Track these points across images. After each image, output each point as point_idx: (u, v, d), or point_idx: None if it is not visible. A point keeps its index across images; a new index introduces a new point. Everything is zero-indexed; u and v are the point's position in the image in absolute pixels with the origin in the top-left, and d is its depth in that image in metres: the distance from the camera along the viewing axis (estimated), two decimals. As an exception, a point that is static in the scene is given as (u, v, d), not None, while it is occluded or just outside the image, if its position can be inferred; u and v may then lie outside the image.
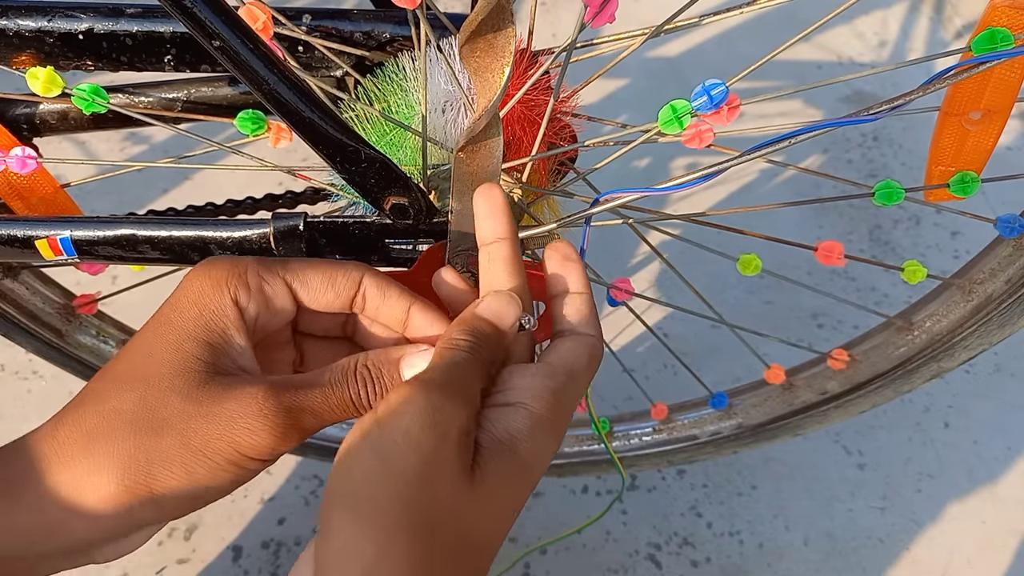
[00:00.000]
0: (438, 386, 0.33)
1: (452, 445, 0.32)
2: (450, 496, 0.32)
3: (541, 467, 0.35)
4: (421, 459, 0.31)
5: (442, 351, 0.36)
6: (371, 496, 0.31)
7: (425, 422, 0.32)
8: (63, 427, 0.34)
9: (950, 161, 0.50)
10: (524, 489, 0.35)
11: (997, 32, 0.39)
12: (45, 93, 0.50)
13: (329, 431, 0.89)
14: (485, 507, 0.33)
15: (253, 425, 0.34)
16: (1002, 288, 0.56)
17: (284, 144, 0.54)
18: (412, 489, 0.31)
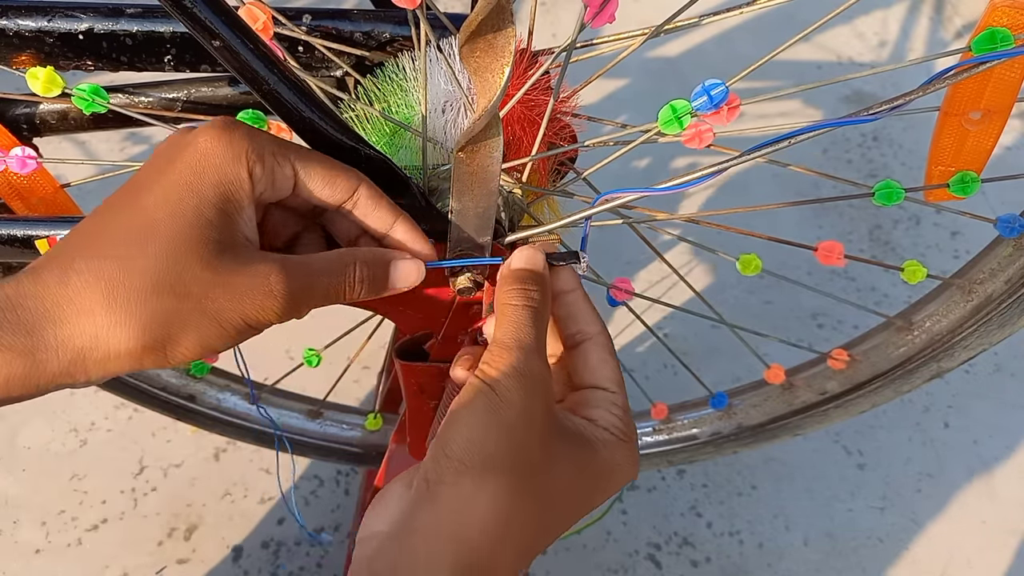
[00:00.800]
0: (523, 347, 0.38)
1: (547, 402, 0.37)
2: (551, 442, 0.37)
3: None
4: (524, 417, 0.36)
5: (505, 312, 0.39)
6: (494, 457, 0.35)
7: (524, 383, 0.36)
8: (77, 275, 0.34)
9: (950, 161, 0.50)
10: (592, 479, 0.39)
11: (997, 32, 0.39)
12: (45, 93, 0.50)
13: (329, 431, 0.89)
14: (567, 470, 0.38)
15: (263, 302, 0.37)
16: (1002, 288, 0.56)
17: (284, 144, 0.54)
18: (520, 445, 0.36)
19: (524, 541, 0.36)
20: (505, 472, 0.35)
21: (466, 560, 0.33)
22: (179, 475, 1.05)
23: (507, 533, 0.35)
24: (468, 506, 0.34)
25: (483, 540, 0.34)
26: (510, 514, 0.35)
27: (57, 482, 1.04)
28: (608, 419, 0.40)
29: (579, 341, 0.43)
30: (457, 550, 0.34)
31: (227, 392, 0.82)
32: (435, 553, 0.34)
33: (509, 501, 0.35)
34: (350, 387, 1.12)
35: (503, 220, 0.48)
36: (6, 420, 1.09)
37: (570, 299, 0.43)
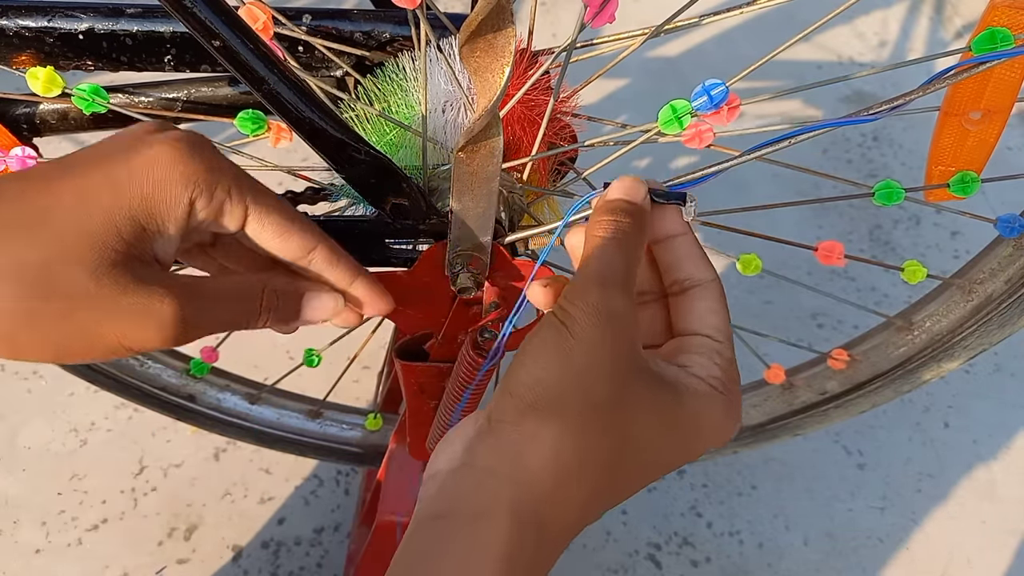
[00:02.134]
0: (603, 281, 0.34)
1: (627, 344, 0.34)
2: (626, 385, 0.34)
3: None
4: (596, 355, 0.33)
5: (592, 240, 0.36)
6: (560, 398, 0.33)
7: (599, 321, 0.33)
8: None
9: (950, 161, 0.50)
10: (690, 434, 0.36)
11: (997, 32, 0.39)
12: (45, 93, 0.50)
13: (329, 431, 0.89)
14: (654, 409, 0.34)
15: (147, 331, 0.34)
16: (1002, 288, 0.56)
17: (284, 144, 0.54)
18: (589, 385, 0.33)
19: (591, 489, 0.33)
20: (571, 415, 0.32)
21: (526, 503, 0.31)
22: (179, 475, 1.05)
23: (571, 478, 0.32)
24: (529, 448, 0.32)
25: (544, 484, 0.32)
26: (573, 459, 0.32)
27: (57, 482, 1.04)
28: (706, 367, 0.36)
29: (687, 288, 0.39)
30: (516, 492, 0.32)
31: (227, 392, 0.82)
32: (493, 494, 0.32)
33: (573, 445, 0.32)
34: (350, 387, 1.12)
35: (503, 220, 0.48)
36: (6, 420, 1.09)
37: (678, 243, 0.39)
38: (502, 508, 0.31)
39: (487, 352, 0.45)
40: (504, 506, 0.31)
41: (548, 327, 0.34)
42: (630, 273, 0.36)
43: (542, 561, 0.32)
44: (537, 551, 0.32)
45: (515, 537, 0.31)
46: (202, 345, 0.75)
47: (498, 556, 0.30)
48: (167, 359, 0.77)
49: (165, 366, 0.77)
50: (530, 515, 0.31)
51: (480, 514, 0.31)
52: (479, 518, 0.31)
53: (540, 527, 0.32)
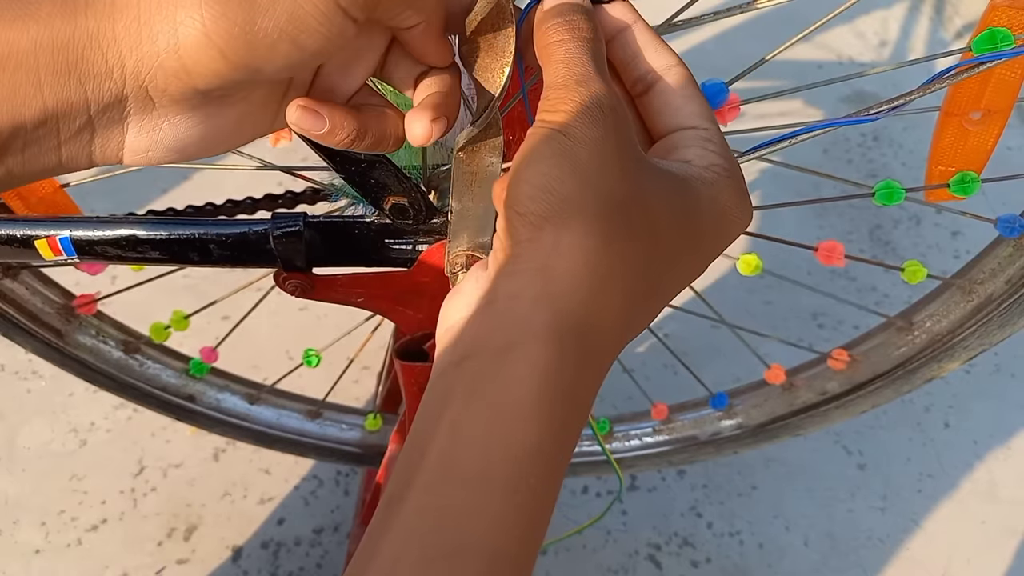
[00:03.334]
0: (581, 80, 0.31)
1: (625, 133, 0.31)
2: (637, 178, 0.30)
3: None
4: (599, 152, 0.30)
5: (549, 49, 0.33)
6: (572, 199, 0.29)
7: (593, 117, 0.30)
8: None
9: (950, 161, 0.50)
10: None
11: (997, 32, 0.39)
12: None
13: (328, 431, 0.89)
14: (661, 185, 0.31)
15: (318, 17, 0.28)
16: (1002, 288, 0.56)
17: (284, 144, 0.54)
18: (599, 183, 0.29)
19: (628, 292, 0.30)
20: (591, 216, 0.29)
21: (563, 320, 0.28)
22: (179, 475, 1.05)
23: (605, 283, 0.29)
24: (553, 259, 0.29)
25: (579, 296, 0.28)
26: (603, 261, 0.29)
27: (57, 482, 1.04)
28: (704, 156, 0.33)
29: (652, 82, 0.35)
30: (550, 311, 0.28)
31: (226, 392, 0.82)
32: (523, 320, 0.28)
33: (601, 247, 0.29)
34: (350, 387, 1.12)
35: (503, 220, 0.48)
36: (6, 420, 1.09)
37: (629, 35, 0.35)
38: (536, 332, 0.28)
39: None
40: (538, 329, 0.28)
41: (539, 137, 0.30)
42: (602, 68, 0.32)
43: (589, 379, 0.29)
44: (581, 368, 0.28)
45: (554, 358, 0.28)
46: (201, 345, 0.76)
47: (539, 382, 0.27)
48: (167, 359, 0.77)
49: (165, 366, 0.77)
50: (570, 329, 0.28)
51: (510, 345, 0.28)
52: (510, 349, 0.28)
53: (582, 340, 0.28)
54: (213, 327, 1.04)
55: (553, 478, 0.28)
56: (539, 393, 0.27)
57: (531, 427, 0.27)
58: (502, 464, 0.27)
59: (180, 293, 1.16)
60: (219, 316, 0.72)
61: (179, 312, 0.70)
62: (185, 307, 0.72)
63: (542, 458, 0.27)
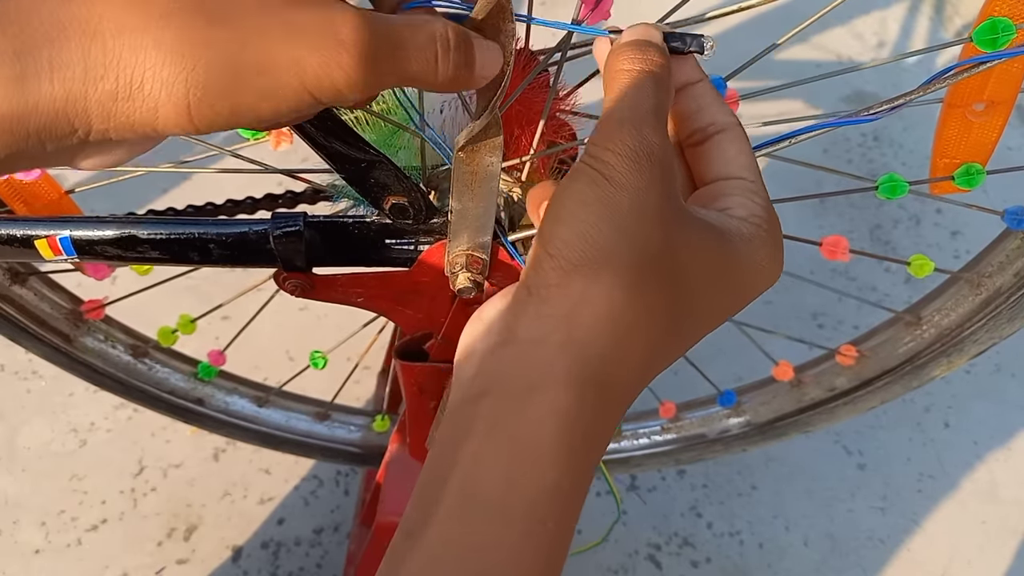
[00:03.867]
0: (637, 121, 0.31)
1: (669, 184, 0.31)
2: (674, 231, 0.30)
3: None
4: (640, 201, 0.30)
5: (618, 77, 0.33)
6: (607, 250, 0.29)
7: (639, 164, 0.30)
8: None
9: (954, 153, 0.50)
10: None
11: (998, 22, 0.39)
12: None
13: (337, 433, 0.89)
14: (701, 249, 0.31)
15: (329, 54, 0.28)
16: (1011, 281, 0.56)
17: (284, 146, 0.54)
18: (636, 233, 0.30)
19: (651, 344, 0.30)
20: (624, 268, 0.29)
21: (585, 368, 0.29)
22: (179, 475, 1.05)
23: (630, 335, 0.29)
24: (580, 308, 0.29)
25: (602, 345, 0.29)
26: (630, 314, 0.29)
27: (57, 482, 1.04)
28: (746, 206, 0.33)
29: (711, 134, 0.36)
30: (573, 358, 0.29)
31: (235, 395, 0.82)
32: (546, 365, 0.29)
33: (628, 299, 0.29)
34: (350, 387, 1.11)
35: (503, 220, 0.48)
36: (6, 420, 1.09)
37: (698, 89, 0.36)
38: (557, 377, 0.28)
39: None
40: (560, 375, 0.28)
41: (582, 178, 0.30)
42: (662, 110, 0.32)
43: (606, 424, 0.30)
44: (599, 414, 0.29)
45: (574, 405, 0.28)
46: (209, 348, 0.75)
47: (558, 426, 0.28)
48: (175, 363, 0.77)
49: (173, 370, 0.77)
50: (590, 378, 0.29)
51: (532, 387, 0.28)
52: (532, 392, 0.28)
53: (601, 390, 0.29)
54: (213, 327, 1.04)
55: (569, 517, 0.28)
56: (559, 436, 0.28)
57: (550, 468, 0.28)
58: (521, 501, 0.27)
59: (181, 294, 1.16)
60: (219, 316, 0.72)
61: (186, 316, 0.70)
62: (186, 307, 0.72)
63: (560, 498, 0.28)
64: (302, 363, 0.74)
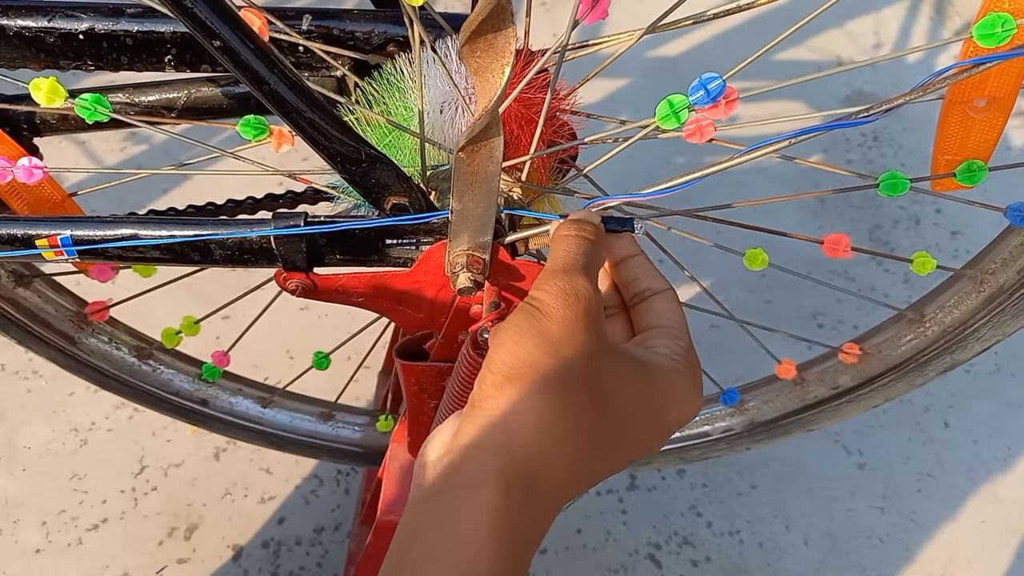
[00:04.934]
0: (569, 269, 0.38)
1: (593, 319, 0.37)
2: (598, 358, 0.37)
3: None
4: (567, 329, 0.36)
5: (557, 243, 0.41)
6: (535, 367, 0.35)
7: (568, 301, 0.37)
8: None
9: (956, 150, 0.49)
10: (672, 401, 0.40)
11: (999, 18, 0.39)
12: (48, 104, 0.49)
13: (341, 433, 0.89)
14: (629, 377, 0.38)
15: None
16: (1014, 278, 0.55)
17: (286, 148, 0.54)
18: (562, 355, 0.35)
19: (574, 452, 0.36)
20: (550, 383, 0.35)
21: (513, 468, 0.34)
22: (179, 475, 1.05)
23: (554, 441, 0.35)
24: (512, 417, 0.34)
25: (529, 449, 0.34)
26: (556, 423, 0.35)
27: (57, 482, 1.04)
28: (669, 346, 0.40)
29: (647, 297, 0.43)
30: (503, 459, 0.34)
31: (239, 396, 0.82)
32: (481, 463, 0.34)
33: (553, 411, 0.35)
34: (350, 387, 1.12)
35: (503, 220, 0.48)
36: (6, 420, 1.09)
37: (635, 262, 0.45)
38: (491, 475, 0.33)
39: (487, 351, 0.45)
40: (493, 473, 0.33)
41: (521, 313, 0.37)
42: (592, 266, 0.39)
43: (534, 522, 0.34)
44: (527, 511, 0.34)
45: (504, 499, 0.33)
46: (210, 348, 0.75)
47: (491, 519, 0.33)
48: (180, 364, 0.77)
49: (178, 371, 0.76)
50: (518, 477, 0.34)
51: (470, 484, 0.34)
52: (470, 488, 0.34)
53: (528, 487, 0.34)
54: (213, 327, 1.04)
55: None
56: (491, 527, 0.33)
57: (484, 555, 0.32)
58: None
59: (181, 293, 1.16)
60: (219, 316, 0.72)
61: (190, 317, 0.70)
62: (185, 307, 0.72)
63: None
64: (302, 362, 0.75)
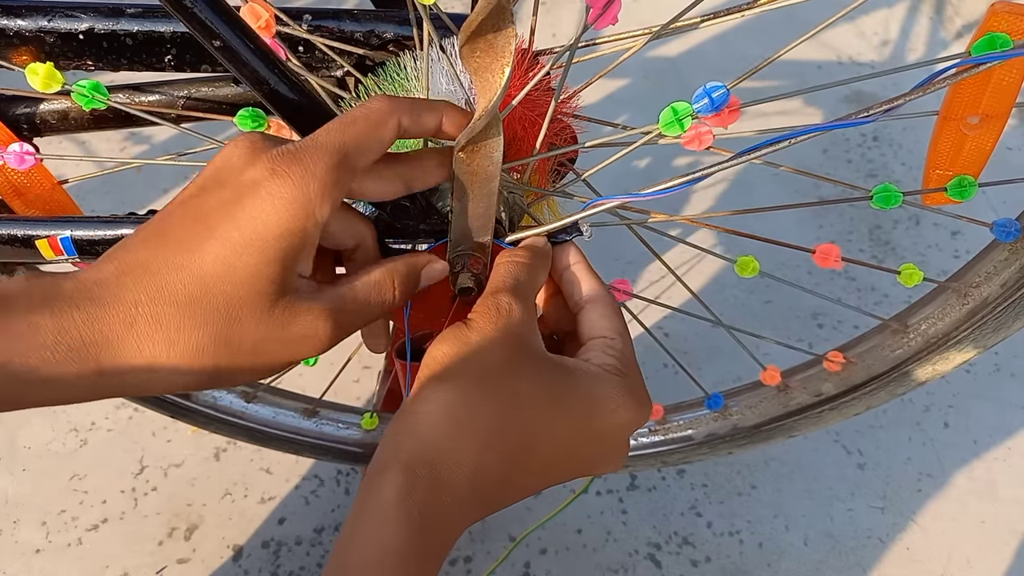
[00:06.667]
0: (498, 290, 0.42)
1: (511, 325, 0.40)
2: (515, 361, 0.40)
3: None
4: (485, 338, 0.40)
5: (494, 270, 0.44)
6: (450, 367, 0.39)
7: (492, 315, 0.40)
8: (144, 322, 0.36)
9: (948, 165, 0.50)
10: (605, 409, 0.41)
11: (996, 38, 0.39)
12: (45, 89, 0.50)
13: (325, 430, 0.89)
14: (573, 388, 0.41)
15: (311, 349, 0.39)
16: (997, 292, 0.56)
17: (284, 144, 0.54)
18: (476, 358, 0.39)
19: (482, 441, 0.38)
20: (462, 379, 0.38)
21: (421, 452, 0.37)
22: (179, 475, 1.05)
23: (461, 429, 0.38)
24: (425, 406, 0.38)
25: (435, 432, 0.37)
26: (463, 412, 0.38)
27: (57, 482, 1.04)
28: (600, 357, 0.43)
29: (584, 303, 0.46)
30: (412, 443, 0.37)
31: (222, 390, 0.82)
32: (393, 450, 0.37)
33: (462, 402, 0.38)
34: (351, 387, 1.12)
35: (503, 220, 0.48)
36: (6, 420, 1.09)
37: (572, 271, 0.47)
38: (401, 457, 0.37)
39: None
40: (403, 456, 0.37)
41: (452, 329, 0.41)
42: (521, 287, 0.43)
43: (442, 508, 0.36)
44: (431, 494, 0.36)
45: (407, 481, 0.36)
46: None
47: (393, 499, 0.35)
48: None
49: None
50: (421, 460, 0.37)
51: (383, 468, 0.37)
52: (382, 472, 0.36)
53: (433, 470, 0.36)
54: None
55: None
56: (396, 505, 0.35)
57: (392, 532, 0.35)
58: (374, 558, 0.34)
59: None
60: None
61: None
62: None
63: (402, 561, 0.35)
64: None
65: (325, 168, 0.36)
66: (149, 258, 0.36)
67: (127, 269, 0.36)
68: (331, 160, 0.37)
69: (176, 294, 0.36)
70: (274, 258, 0.36)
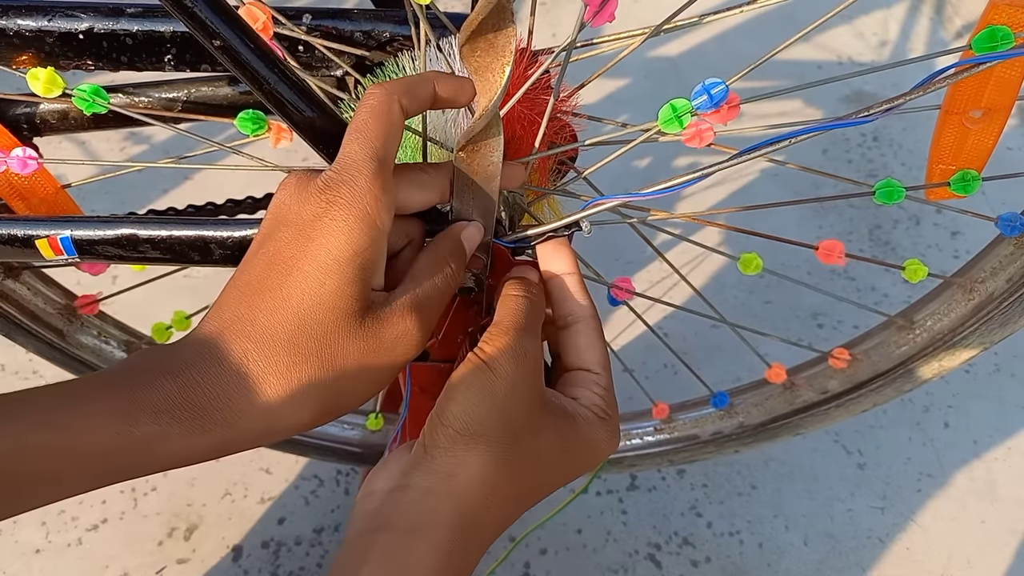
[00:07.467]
0: (518, 330, 0.41)
1: (536, 379, 0.41)
2: (536, 415, 0.41)
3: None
4: (514, 389, 0.39)
5: (506, 301, 0.44)
6: (484, 426, 0.39)
7: (517, 362, 0.40)
8: (255, 365, 0.37)
9: (951, 160, 0.50)
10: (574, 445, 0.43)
11: (997, 30, 0.39)
12: (46, 94, 0.50)
13: (329, 430, 0.89)
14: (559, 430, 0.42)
15: (408, 346, 0.40)
16: (1003, 287, 0.56)
17: (284, 144, 0.54)
18: (508, 414, 0.39)
19: (509, 500, 0.40)
20: (493, 439, 0.39)
21: (461, 516, 0.38)
22: (179, 475, 1.05)
23: (494, 492, 0.39)
24: (460, 468, 0.38)
25: (474, 498, 0.38)
26: (497, 476, 0.39)
27: (57, 482, 1.04)
28: (590, 398, 0.44)
29: (569, 323, 0.45)
30: (451, 506, 0.38)
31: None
32: (431, 510, 0.38)
33: (496, 465, 0.39)
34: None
35: (503, 220, 0.48)
36: (6, 420, 1.09)
37: (563, 281, 0.46)
38: (441, 521, 0.37)
39: None
40: (443, 519, 0.37)
41: (472, 368, 0.40)
42: (536, 325, 0.43)
43: (472, 559, 0.39)
44: (466, 554, 0.38)
45: (450, 543, 0.37)
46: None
47: (437, 561, 0.36)
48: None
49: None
50: (463, 524, 0.38)
51: (418, 527, 0.37)
52: (418, 531, 0.37)
53: (473, 534, 0.38)
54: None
55: None
56: (437, 567, 0.36)
57: None
58: None
59: (180, 293, 1.17)
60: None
61: (180, 312, 0.70)
62: (185, 306, 0.72)
63: None
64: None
65: (369, 179, 0.38)
66: (243, 309, 0.38)
67: (227, 325, 0.38)
68: (371, 169, 0.38)
69: (278, 336, 0.37)
70: (353, 277, 0.38)
